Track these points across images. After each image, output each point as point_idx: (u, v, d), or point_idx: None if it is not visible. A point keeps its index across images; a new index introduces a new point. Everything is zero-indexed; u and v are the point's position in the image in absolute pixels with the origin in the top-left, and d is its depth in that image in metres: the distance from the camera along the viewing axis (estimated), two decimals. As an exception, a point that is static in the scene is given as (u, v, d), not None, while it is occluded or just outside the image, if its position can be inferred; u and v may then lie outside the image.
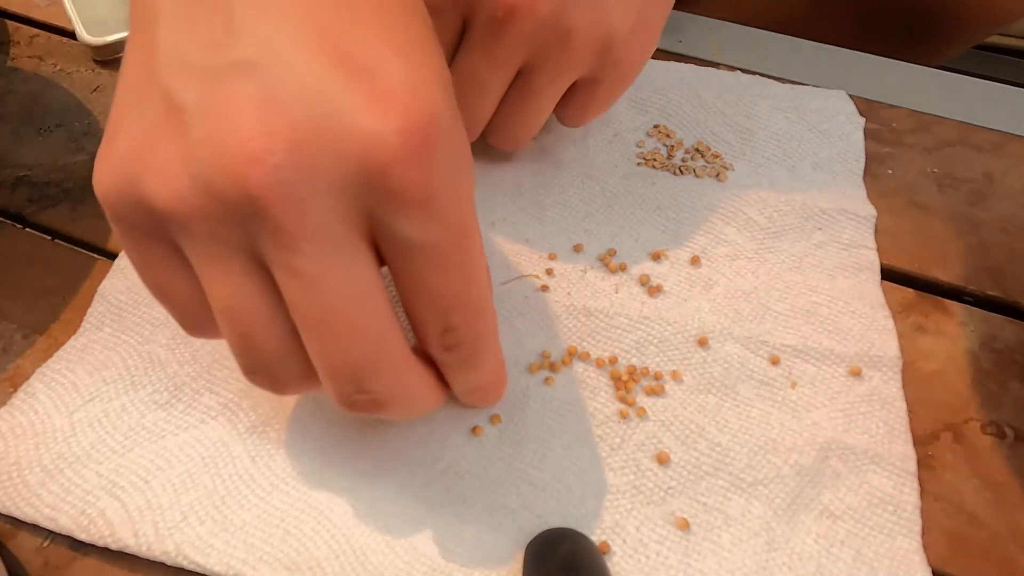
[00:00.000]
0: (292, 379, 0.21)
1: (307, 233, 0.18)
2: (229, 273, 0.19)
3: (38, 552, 0.26)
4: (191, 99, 0.18)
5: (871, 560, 0.25)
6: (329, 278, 0.19)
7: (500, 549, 0.25)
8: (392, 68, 0.18)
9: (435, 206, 0.19)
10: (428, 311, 0.21)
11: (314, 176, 0.18)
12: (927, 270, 0.33)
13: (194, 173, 0.18)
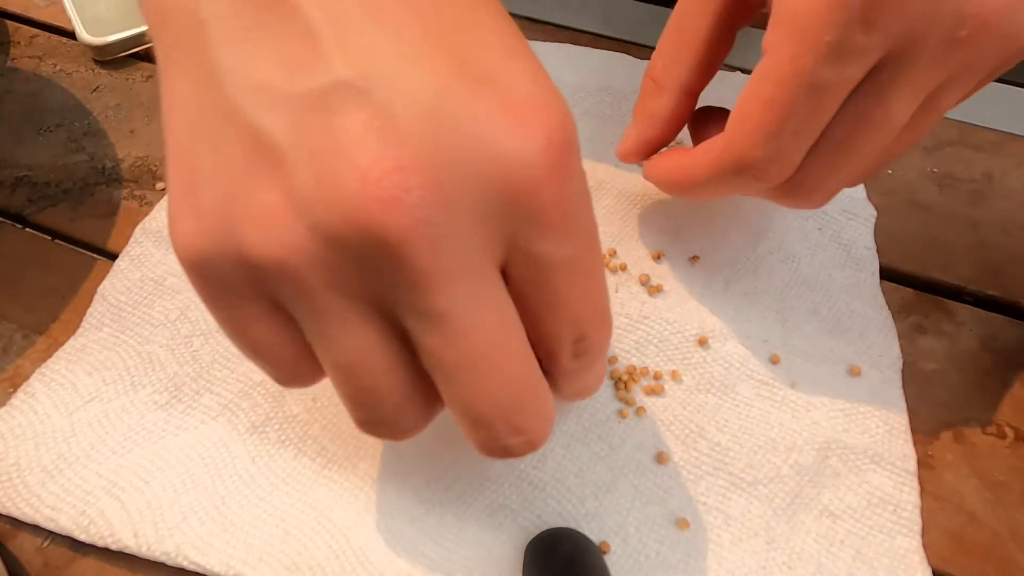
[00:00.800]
0: (415, 425, 0.20)
1: (448, 272, 0.16)
2: (348, 326, 0.17)
3: (38, 552, 0.26)
4: (285, 135, 0.15)
5: (871, 559, 0.25)
6: (474, 318, 0.17)
7: (500, 549, 0.25)
8: (513, 74, 0.16)
9: (576, 220, 0.17)
10: (563, 325, 0.19)
11: (454, 210, 0.15)
12: (927, 270, 0.33)
13: (309, 222, 0.15)
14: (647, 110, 0.28)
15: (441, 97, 0.15)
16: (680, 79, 0.27)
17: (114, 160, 0.36)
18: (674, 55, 0.27)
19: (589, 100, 0.38)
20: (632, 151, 0.29)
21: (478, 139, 0.15)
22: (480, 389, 0.17)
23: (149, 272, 0.32)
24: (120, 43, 0.41)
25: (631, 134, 0.29)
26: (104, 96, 0.39)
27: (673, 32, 0.27)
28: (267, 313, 0.18)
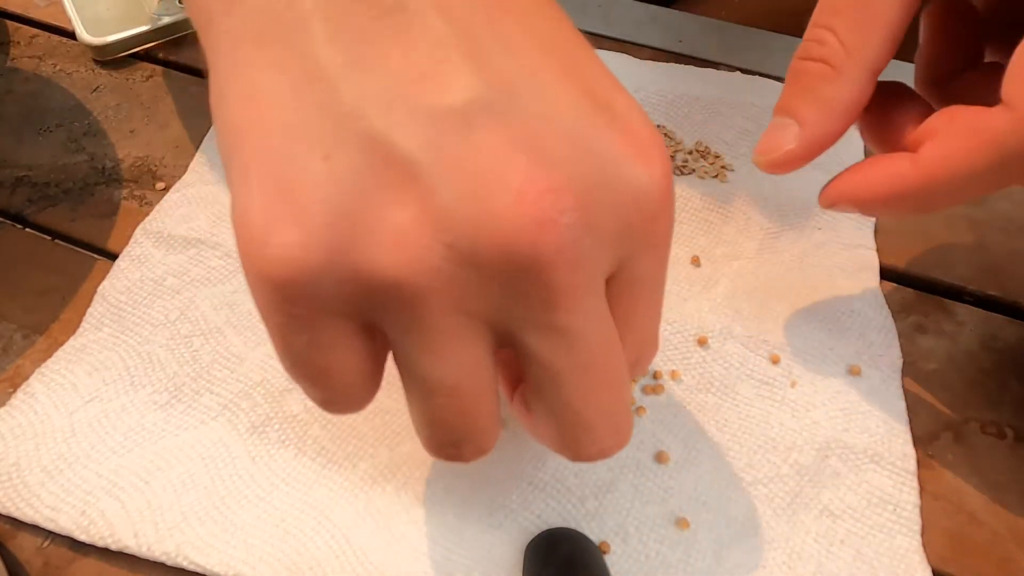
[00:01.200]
0: (492, 442, 0.20)
1: (582, 291, 0.16)
2: (460, 345, 0.17)
3: (38, 552, 0.26)
4: (421, 149, 0.15)
5: (871, 559, 0.25)
6: (594, 331, 0.17)
7: (500, 549, 0.25)
8: (625, 104, 0.17)
9: (670, 244, 0.18)
10: (630, 344, 0.19)
11: (595, 233, 0.16)
12: (927, 270, 0.33)
13: (449, 240, 0.15)
14: (821, 99, 0.23)
15: (582, 121, 0.16)
16: (867, 58, 0.22)
17: (114, 160, 0.36)
18: (858, 28, 0.22)
19: (589, 100, 0.38)
20: (797, 155, 0.23)
21: (616, 166, 0.16)
22: (593, 395, 0.18)
23: (149, 272, 0.32)
24: (120, 43, 0.41)
25: (788, 135, 0.23)
26: (104, 96, 0.39)
27: (857, 5, 0.22)
28: (352, 334, 0.17)
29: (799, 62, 0.23)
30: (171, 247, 0.33)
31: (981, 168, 0.20)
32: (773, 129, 0.24)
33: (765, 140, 0.24)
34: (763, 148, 0.24)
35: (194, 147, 0.37)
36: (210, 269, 0.32)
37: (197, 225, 0.33)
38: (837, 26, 0.22)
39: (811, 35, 0.23)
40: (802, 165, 0.24)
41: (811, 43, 0.23)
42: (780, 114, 0.23)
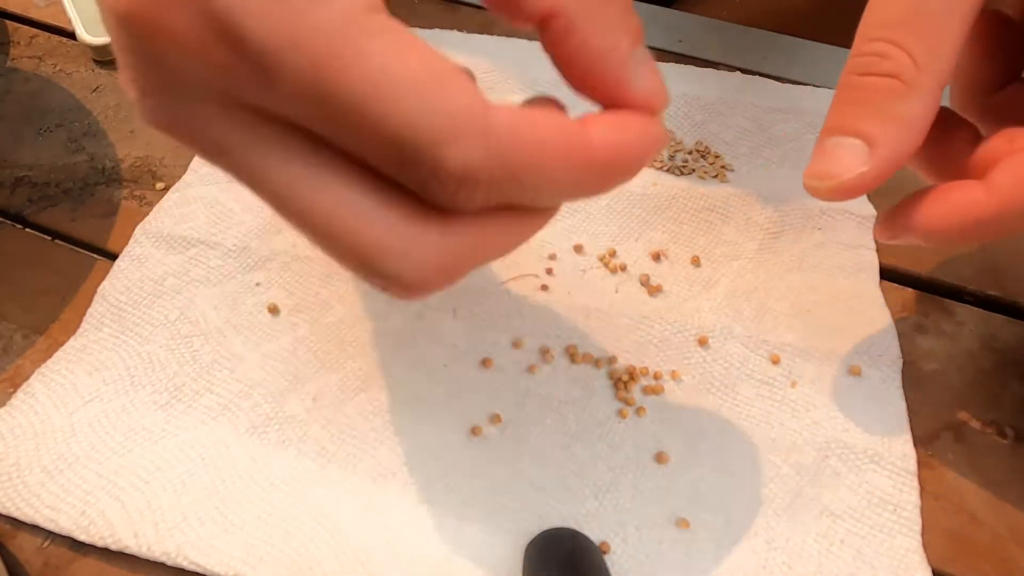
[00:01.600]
0: (412, 274, 0.17)
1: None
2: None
3: (38, 552, 0.26)
4: None
5: (871, 559, 0.25)
6: None
7: (500, 549, 0.25)
8: None
9: None
10: None
11: None
12: (927, 270, 0.33)
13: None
14: (894, 117, 0.21)
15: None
16: (938, 71, 0.20)
17: (114, 160, 0.36)
18: (925, 41, 0.20)
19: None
20: (872, 178, 0.21)
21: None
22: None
23: (149, 272, 0.32)
24: (120, 43, 0.41)
25: (855, 157, 0.21)
26: (104, 96, 0.39)
27: (920, 11, 0.20)
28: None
29: (858, 78, 0.21)
30: (171, 247, 0.33)
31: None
32: (832, 151, 0.21)
33: (824, 164, 0.21)
34: (823, 172, 0.21)
35: (194, 147, 0.37)
36: (210, 269, 0.32)
37: (197, 225, 0.33)
38: (901, 38, 0.20)
39: (868, 49, 0.21)
40: (872, 190, 0.21)
41: (872, 57, 0.21)
42: (839, 134, 0.21)
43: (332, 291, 0.31)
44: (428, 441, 0.28)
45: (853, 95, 0.21)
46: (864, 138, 0.21)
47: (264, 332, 0.30)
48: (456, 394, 0.29)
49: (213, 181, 0.35)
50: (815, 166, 0.22)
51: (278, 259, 0.32)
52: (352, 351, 0.30)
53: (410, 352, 0.30)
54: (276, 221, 0.34)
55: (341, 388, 0.29)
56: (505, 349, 0.30)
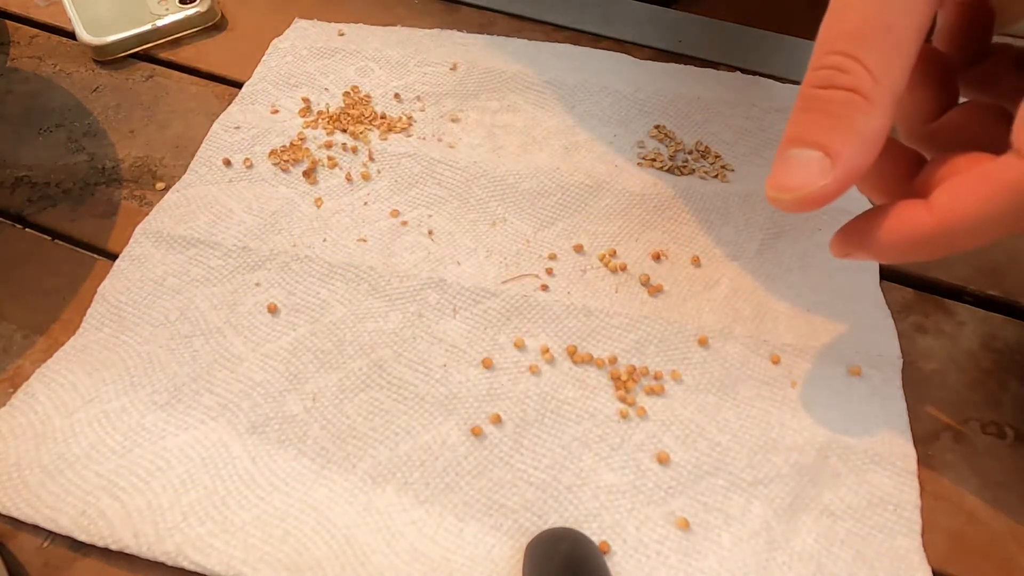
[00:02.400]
0: None
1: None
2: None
3: (38, 552, 0.26)
4: None
5: (871, 559, 0.25)
6: None
7: (500, 549, 0.25)
8: None
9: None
10: None
11: None
12: (927, 270, 0.33)
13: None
14: (855, 131, 0.21)
15: None
16: (896, 86, 0.21)
17: (114, 160, 0.36)
18: (884, 55, 0.21)
19: (589, 100, 0.38)
20: (833, 191, 0.22)
21: None
22: None
23: (149, 272, 0.32)
24: (120, 43, 0.41)
25: (816, 170, 0.21)
26: (104, 96, 0.39)
27: (877, 26, 0.21)
28: None
29: (818, 91, 0.22)
30: (171, 247, 0.33)
31: (996, 214, 0.20)
32: (793, 163, 0.22)
33: (786, 176, 0.22)
34: (786, 184, 0.22)
35: (194, 147, 0.37)
36: (210, 269, 0.32)
37: (197, 225, 0.33)
38: (859, 53, 0.21)
39: (827, 62, 0.21)
40: (829, 203, 0.22)
41: (829, 71, 0.21)
42: (799, 146, 0.22)
43: (332, 291, 0.31)
44: (428, 441, 0.28)
45: (813, 107, 0.22)
46: (825, 151, 0.21)
47: (264, 332, 0.30)
48: (456, 394, 0.29)
49: (213, 181, 0.35)
50: (777, 178, 0.22)
51: (278, 259, 0.32)
52: (352, 351, 0.30)
53: (410, 352, 0.30)
54: (276, 221, 0.34)
55: (341, 388, 0.29)
56: (505, 349, 0.30)
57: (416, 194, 0.35)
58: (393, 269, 0.32)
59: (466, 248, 0.33)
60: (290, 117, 0.38)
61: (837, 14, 0.21)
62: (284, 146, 0.36)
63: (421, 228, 0.34)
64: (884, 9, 0.20)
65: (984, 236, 0.21)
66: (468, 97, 0.39)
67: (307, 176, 0.35)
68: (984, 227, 0.21)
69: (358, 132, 0.37)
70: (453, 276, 0.32)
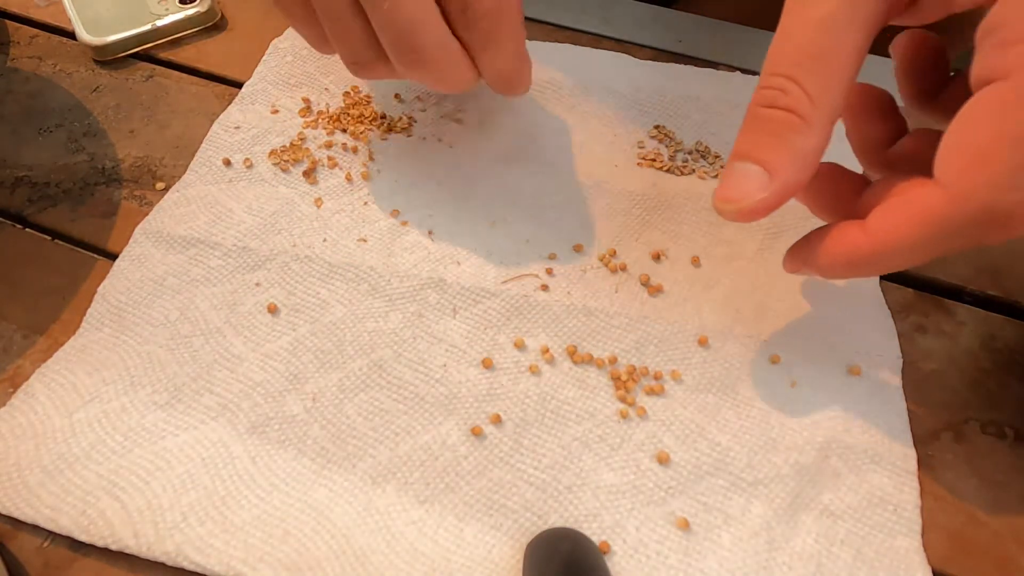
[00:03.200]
0: (453, 74, 0.29)
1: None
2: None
3: (38, 552, 0.26)
4: None
5: (871, 559, 0.25)
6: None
7: (500, 549, 0.25)
8: None
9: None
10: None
11: None
12: (927, 270, 0.33)
13: None
14: (791, 148, 0.23)
15: None
16: (832, 108, 0.22)
17: (114, 160, 0.36)
18: (820, 79, 0.22)
19: (589, 100, 0.38)
20: (770, 204, 0.23)
21: None
22: (387, 10, 0.26)
23: (149, 272, 0.32)
24: (120, 43, 0.41)
25: (755, 183, 0.23)
26: (104, 96, 0.39)
27: (815, 53, 0.22)
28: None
29: (762, 110, 0.23)
30: (171, 247, 0.33)
31: (922, 239, 0.21)
32: (736, 176, 0.23)
33: (729, 187, 0.23)
34: (729, 196, 0.24)
35: (194, 147, 0.37)
36: (210, 269, 0.32)
37: (197, 225, 0.33)
38: (799, 76, 0.22)
39: (771, 83, 0.23)
40: (768, 214, 0.24)
41: (773, 91, 0.23)
42: (742, 160, 0.23)
43: (332, 291, 0.31)
44: (428, 441, 0.28)
45: (757, 125, 0.23)
46: (764, 166, 0.23)
47: (264, 332, 0.30)
48: (456, 394, 0.29)
49: (213, 181, 0.35)
50: (722, 189, 0.24)
51: (278, 259, 0.32)
52: (352, 351, 0.30)
53: (410, 352, 0.30)
54: (276, 221, 0.34)
55: (341, 388, 0.29)
56: (505, 349, 0.30)
57: (416, 194, 0.35)
58: (393, 269, 0.32)
59: (466, 248, 0.33)
60: (290, 117, 0.38)
61: (782, 38, 0.23)
62: (284, 146, 0.36)
63: (421, 228, 0.34)
64: (823, 36, 0.22)
65: (915, 258, 0.22)
66: (468, 97, 0.39)
67: (307, 176, 0.35)
68: (912, 250, 0.22)
69: (358, 132, 0.37)
70: (453, 276, 0.32)
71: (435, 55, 0.27)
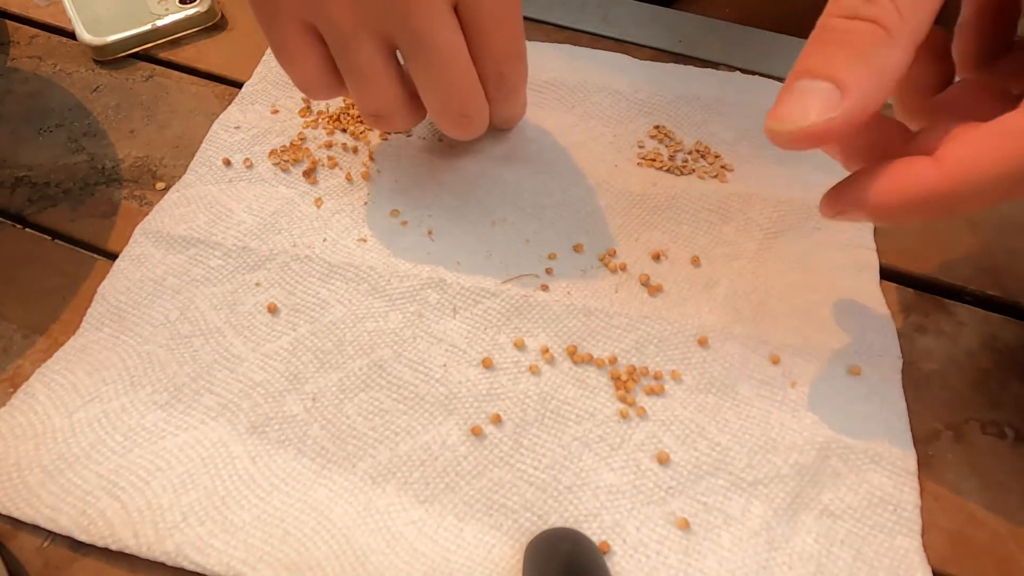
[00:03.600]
0: (407, 121, 0.31)
1: (429, 10, 0.26)
2: (365, 45, 0.28)
3: (38, 552, 0.26)
4: None
5: (871, 559, 0.25)
6: (443, 40, 0.27)
7: (500, 549, 0.25)
8: None
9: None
10: (488, 60, 0.29)
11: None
12: (927, 270, 0.33)
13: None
14: (872, 64, 0.20)
15: None
16: (919, 27, 0.20)
17: (114, 160, 0.36)
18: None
19: (589, 100, 0.38)
20: (839, 126, 0.20)
21: None
22: (446, 85, 0.29)
23: (149, 272, 0.32)
24: (120, 43, 0.41)
25: (822, 101, 0.20)
26: (104, 96, 0.39)
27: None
28: (305, 33, 0.28)
29: (840, 21, 0.20)
30: (171, 247, 0.33)
31: (1012, 170, 0.19)
32: (801, 94, 0.20)
33: (789, 106, 0.20)
34: (786, 114, 0.21)
35: (194, 147, 0.37)
36: (210, 269, 0.32)
37: (197, 225, 0.33)
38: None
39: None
40: (835, 141, 0.21)
41: (856, 1, 0.20)
42: (809, 77, 0.20)
43: (332, 291, 0.31)
44: (428, 441, 0.28)
45: (830, 38, 0.21)
46: (837, 83, 0.20)
47: (264, 332, 0.30)
48: (456, 394, 0.29)
49: (213, 181, 0.35)
50: (779, 108, 0.21)
51: (278, 259, 0.32)
52: (352, 351, 0.30)
53: (410, 352, 0.30)
54: (276, 221, 0.34)
55: (341, 388, 0.29)
56: (505, 349, 0.30)
57: (416, 194, 0.35)
58: (393, 269, 0.32)
59: (466, 248, 0.33)
60: (290, 117, 0.38)
61: None
62: (284, 146, 0.36)
63: (421, 228, 0.34)
64: None
65: (992, 196, 0.20)
66: (468, 97, 0.39)
67: (307, 176, 0.35)
68: (996, 185, 0.20)
69: (358, 132, 0.37)
70: (453, 276, 0.32)
71: (479, 117, 0.31)
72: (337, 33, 0.28)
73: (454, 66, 0.28)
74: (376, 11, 0.27)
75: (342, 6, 0.27)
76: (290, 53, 0.29)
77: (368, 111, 0.30)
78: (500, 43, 0.29)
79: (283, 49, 0.29)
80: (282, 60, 0.30)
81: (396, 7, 0.26)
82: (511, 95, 0.32)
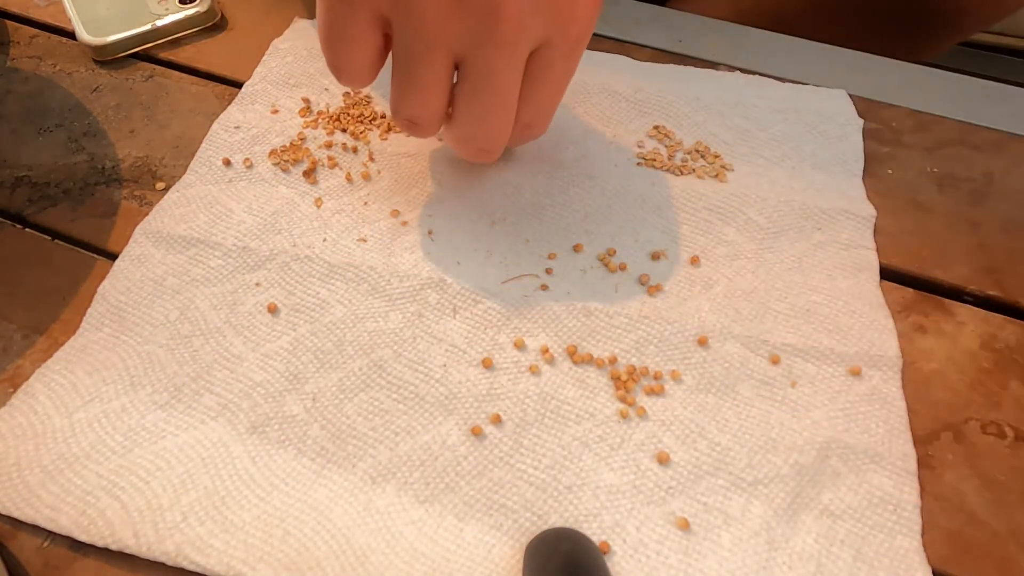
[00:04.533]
0: (434, 130, 0.31)
1: (513, 44, 0.26)
2: (435, 58, 0.27)
3: (38, 552, 0.26)
4: None
5: (871, 559, 0.25)
6: (507, 73, 0.27)
7: (500, 549, 0.25)
8: None
9: (583, 48, 0.29)
10: (529, 109, 0.30)
11: (537, 13, 0.26)
12: (927, 270, 0.33)
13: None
14: None
15: None
16: None
17: (114, 160, 0.36)
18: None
19: (589, 100, 0.38)
20: None
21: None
22: (485, 121, 0.29)
23: (149, 272, 0.32)
24: (120, 43, 0.41)
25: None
26: (104, 96, 0.39)
27: None
28: (372, 22, 0.27)
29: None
30: (171, 247, 0.33)
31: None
32: None
33: None
34: None
35: (194, 147, 0.37)
36: (210, 269, 0.32)
37: (197, 225, 0.33)
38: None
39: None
40: None
41: None
42: None
43: (332, 291, 0.31)
44: (428, 441, 0.28)
45: None
46: None
47: (264, 332, 0.30)
48: (456, 394, 0.29)
49: (213, 181, 0.35)
50: None
51: (278, 259, 0.32)
52: (352, 351, 0.30)
53: (410, 352, 0.30)
54: (276, 221, 0.34)
55: (341, 388, 0.29)
56: (505, 349, 0.30)
57: (416, 194, 0.35)
58: (393, 269, 0.32)
59: (466, 248, 0.33)
60: (290, 117, 0.38)
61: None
62: (284, 146, 0.36)
63: (421, 228, 0.34)
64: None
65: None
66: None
67: (307, 176, 0.35)
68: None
69: (358, 132, 0.37)
70: (453, 276, 0.32)
71: (496, 153, 0.32)
72: (416, 38, 0.27)
73: (502, 108, 0.28)
74: (465, 32, 0.26)
75: (436, 16, 0.26)
76: (349, 35, 0.28)
77: (405, 115, 0.29)
78: (546, 99, 0.30)
79: (342, 29, 0.28)
80: (331, 36, 0.28)
81: (487, 35, 0.26)
82: (527, 140, 0.33)
